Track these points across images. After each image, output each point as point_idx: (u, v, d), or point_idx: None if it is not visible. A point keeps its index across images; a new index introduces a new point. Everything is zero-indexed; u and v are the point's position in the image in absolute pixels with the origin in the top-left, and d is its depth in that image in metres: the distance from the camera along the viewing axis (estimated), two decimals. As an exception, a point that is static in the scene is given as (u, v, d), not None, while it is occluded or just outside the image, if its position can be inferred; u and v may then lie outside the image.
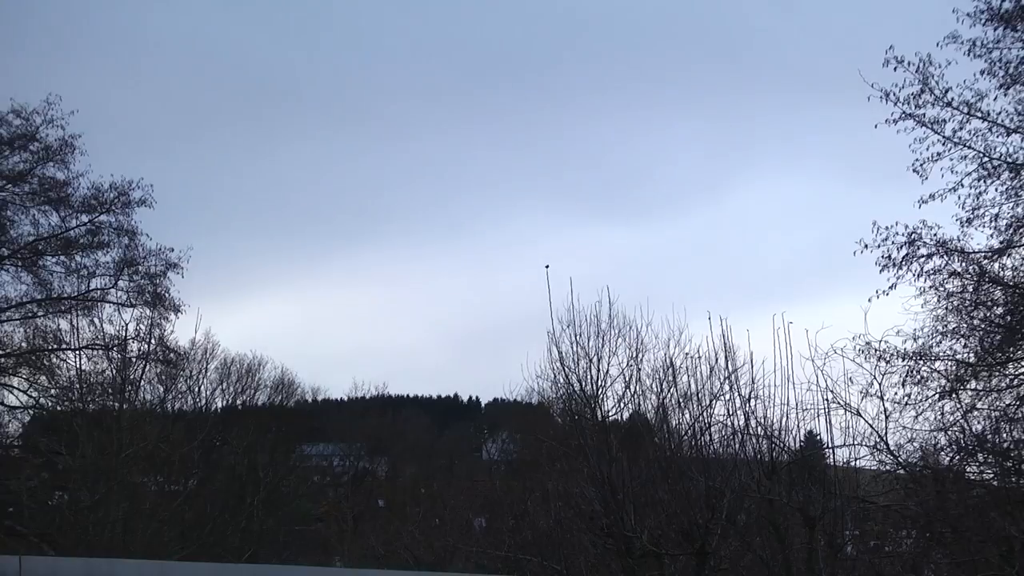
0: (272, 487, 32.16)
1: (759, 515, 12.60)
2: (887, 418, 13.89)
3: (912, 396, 16.09)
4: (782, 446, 12.55)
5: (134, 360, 25.66)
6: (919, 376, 16.34)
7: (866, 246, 16.99)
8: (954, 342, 17.01)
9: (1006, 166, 16.72)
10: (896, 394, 15.70)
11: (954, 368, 16.88)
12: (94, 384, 24.58)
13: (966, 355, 17.00)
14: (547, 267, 15.04)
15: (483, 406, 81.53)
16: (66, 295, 27.61)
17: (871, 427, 13.45)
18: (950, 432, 15.60)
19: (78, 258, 27.72)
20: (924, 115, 16.64)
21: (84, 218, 27.63)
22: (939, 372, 16.66)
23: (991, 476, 15.41)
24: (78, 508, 20.24)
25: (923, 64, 16.38)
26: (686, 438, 13.63)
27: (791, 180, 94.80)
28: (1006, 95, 16.40)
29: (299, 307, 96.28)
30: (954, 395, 16.50)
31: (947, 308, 17.04)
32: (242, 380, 43.61)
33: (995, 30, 16.31)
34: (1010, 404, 16.53)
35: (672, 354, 13.95)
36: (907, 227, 16.79)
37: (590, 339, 14.81)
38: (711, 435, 13.38)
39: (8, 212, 27.21)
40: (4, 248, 27.61)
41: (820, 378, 12.90)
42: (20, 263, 27.69)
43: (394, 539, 23.45)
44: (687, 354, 13.73)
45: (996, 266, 17.16)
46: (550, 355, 15.15)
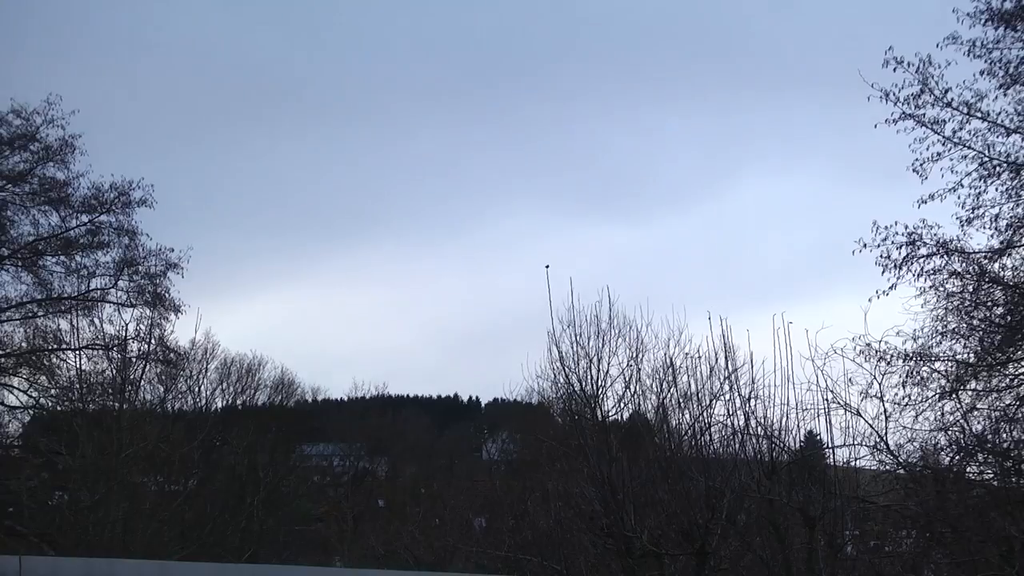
0: (272, 487, 32.11)
1: (759, 515, 12.60)
2: (887, 418, 13.93)
3: (912, 396, 16.15)
4: (782, 446, 12.55)
5: (134, 360, 25.68)
6: (919, 376, 16.39)
7: (866, 246, 17.03)
8: (954, 342, 17.05)
9: (1006, 166, 16.74)
10: (896, 394, 15.78)
11: (954, 368, 16.89)
12: (94, 384, 24.56)
13: (966, 355, 17.02)
14: (547, 267, 15.07)
15: (483, 406, 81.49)
16: (66, 295, 27.64)
17: (871, 427, 13.47)
18: (950, 432, 15.62)
19: (78, 258, 27.80)
20: (924, 115, 16.71)
21: (84, 218, 27.72)
22: (939, 372, 16.68)
23: (991, 476, 15.42)
24: (78, 508, 20.21)
25: (923, 64, 16.43)
26: (686, 438, 13.63)
27: (790, 179, 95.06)
28: (1006, 95, 16.46)
29: (299, 306, 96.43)
30: (954, 395, 16.52)
31: (947, 308, 17.06)
32: (242, 380, 43.77)
33: (995, 30, 16.37)
34: (1010, 404, 16.54)
35: (672, 354, 13.98)
36: (907, 227, 16.84)
37: (590, 339, 14.83)
38: (711, 435, 13.40)
39: (8, 212, 27.29)
40: (4, 248, 27.62)
41: (820, 378, 12.92)
42: (20, 263, 27.71)
43: (394, 539, 23.44)
44: (687, 354, 13.76)
45: (996, 266, 17.20)
46: (550, 355, 15.18)
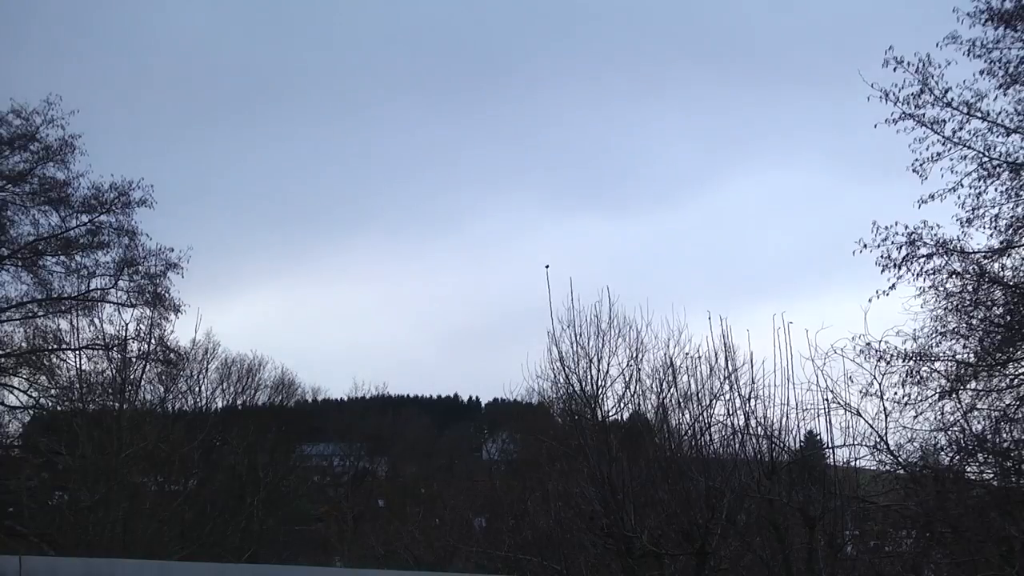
0: (272, 487, 32.19)
1: (759, 515, 12.58)
2: (887, 418, 13.92)
3: (912, 396, 16.12)
4: (782, 446, 12.54)
5: (134, 360, 25.68)
6: (919, 376, 16.35)
7: (866, 246, 17.00)
8: (954, 342, 17.02)
9: (1006, 166, 16.73)
10: (896, 394, 15.74)
11: (954, 368, 16.88)
12: (94, 384, 24.56)
13: (966, 355, 17.00)
14: (547, 267, 15.03)
15: (483, 406, 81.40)
16: (66, 295, 27.68)
17: (871, 427, 13.47)
18: (950, 432, 15.62)
19: (78, 258, 27.84)
20: (924, 115, 16.68)
21: (84, 218, 27.77)
22: (939, 372, 16.67)
23: (991, 476, 15.43)
24: (78, 508, 20.23)
25: (923, 64, 16.41)
26: (686, 438, 13.61)
27: (788, 176, 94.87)
28: (1006, 95, 16.44)
29: (297, 303, 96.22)
30: (954, 395, 16.50)
31: (947, 308, 17.03)
32: (242, 380, 43.73)
33: (995, 30, 16.34)
34: (1010, 404, 16.52)
35: (672, 354, 13.95)
36: (907, 227, 16.80)
37: (590, 339, 14.80)
38: (711, 435, 13.38)
39: (8, 212, 27.32)
40: (4, 248, 27.64)
41: (820, 378, 12.91)
42: (20, 263, 27.73)
43: (394, 539, 23.44)
44: (687, 354, 13.72)
45: (996, 266, 17.18)
46: (550, 355, 15.16)
